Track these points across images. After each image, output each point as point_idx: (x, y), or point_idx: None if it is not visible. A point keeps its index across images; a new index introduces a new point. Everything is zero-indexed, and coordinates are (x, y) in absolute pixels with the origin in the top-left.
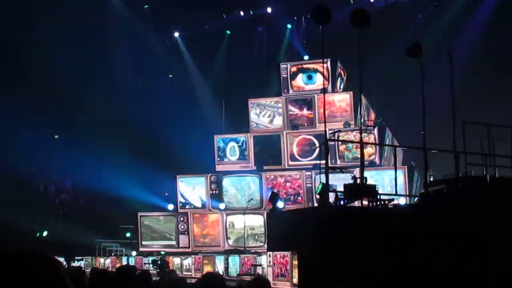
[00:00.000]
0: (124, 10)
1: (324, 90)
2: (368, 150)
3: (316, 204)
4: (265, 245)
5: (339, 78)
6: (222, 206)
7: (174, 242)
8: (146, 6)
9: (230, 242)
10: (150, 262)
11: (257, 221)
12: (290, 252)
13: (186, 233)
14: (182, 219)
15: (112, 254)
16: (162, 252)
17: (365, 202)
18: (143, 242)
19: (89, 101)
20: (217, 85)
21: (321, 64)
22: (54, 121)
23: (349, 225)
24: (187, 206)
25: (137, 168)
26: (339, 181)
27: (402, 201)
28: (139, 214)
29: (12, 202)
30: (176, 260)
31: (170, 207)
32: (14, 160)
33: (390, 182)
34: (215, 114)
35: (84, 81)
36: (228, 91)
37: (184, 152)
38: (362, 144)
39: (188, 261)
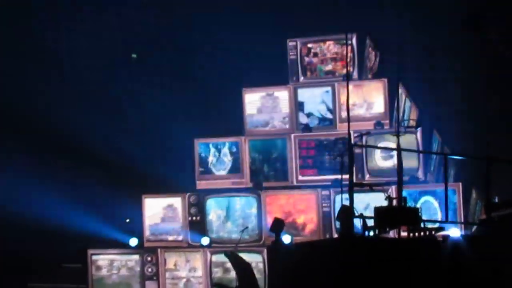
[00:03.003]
0: None
1: (347, 77)
2: None
3: (336, 235)
4: None
5: (369, 60)
6: (205, 240)
7: None
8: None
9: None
10: None
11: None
12: None
13: (155, 278)
14: (149, 259)
15: None
16: None
17: (403, 233)
18: None
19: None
20: (199, 70)
21: (343, 41)
22: None
23: (381, 264)
24: (157, 238)
25: (85, 188)
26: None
27: (455, 231)
28: (89, 251)
29: None
30: None
31: (133, 241)
32: None
33: (439, 205)
34: (196, 110)
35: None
36: (214, 78)
37: (153, 164)
38: (400, 152)
39: None
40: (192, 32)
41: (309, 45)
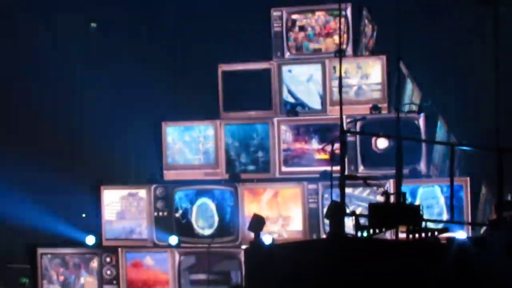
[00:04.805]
0: None
1: (340, 53)
2: None
3: (324, 236)
4: None
5: (365, 34)
6: (173, 239)
7: None
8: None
9: None
10: None
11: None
12: None
13: (115, 282)
14: (108, 260)
15: None
16: None
17: (402, 234)
18: None
19: None
20: (170, 44)
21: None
22: None
23: (376, 269)
24: (118, 237)
25: (34, 177)
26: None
27: (461, 233)
28: (39, 250)
29: None
30: None
31: (90, 240)
32: None
33: (444, 203)
34: (166, 91)
35: None
36: (187, 52)
37: (114, 151)
38: (401, 140)
39: None
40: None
41: (294, 17)
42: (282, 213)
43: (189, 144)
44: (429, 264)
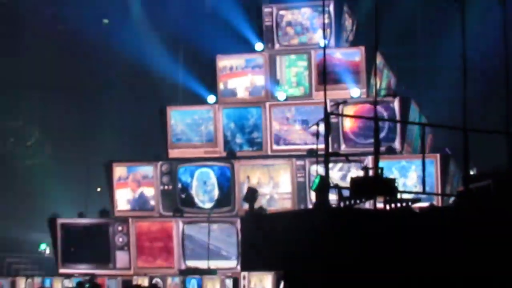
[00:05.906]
0: None
1: (324, 45)
2: None
3: (311, 206)
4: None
5: (346, 28)
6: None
7: (109, 262)
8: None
9: (189, 260)
10: (75, 285)
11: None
12: (273, 272)
13: (126, 248)
14: (120, 228)
15: (21, 274)
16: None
17: (380, 204)
18: (66, 262)
19: None
20: (173, 37)
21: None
22: None
23: (356, 235)
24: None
25: (56, 155)
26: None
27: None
28: (59, 221)
29: None
30: (112, 284)
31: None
32: None
33: (416, 177)
34: (170, 78)
35: None
36: (189, 44)
37: (124, 132)
38: (377, 121)
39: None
40: None
41: (281, 12)
42: (272, 177)
43: (190, 126)
44: (403, 230)
